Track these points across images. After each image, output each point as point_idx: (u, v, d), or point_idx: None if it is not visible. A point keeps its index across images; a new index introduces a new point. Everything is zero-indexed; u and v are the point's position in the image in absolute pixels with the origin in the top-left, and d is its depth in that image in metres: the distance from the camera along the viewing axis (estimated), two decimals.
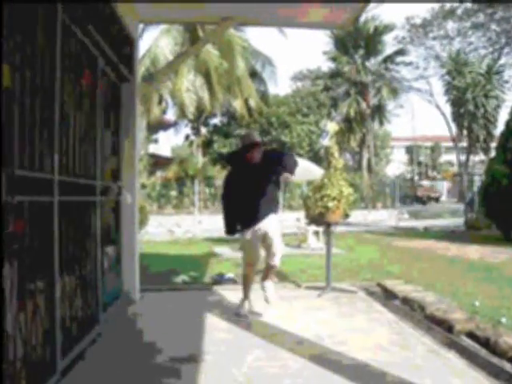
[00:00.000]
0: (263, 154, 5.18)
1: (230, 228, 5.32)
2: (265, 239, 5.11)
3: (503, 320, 4.88)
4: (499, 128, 16.79)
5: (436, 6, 22.50)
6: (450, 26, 22.80)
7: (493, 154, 16.70)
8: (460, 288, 6.66)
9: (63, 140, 3.49)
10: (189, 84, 22.92)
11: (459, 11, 21.95)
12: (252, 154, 5.08)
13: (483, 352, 4.04)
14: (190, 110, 23.34)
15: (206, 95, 23.47)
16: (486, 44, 22.92)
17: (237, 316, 5.17)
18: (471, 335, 4.39)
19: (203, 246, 12.81)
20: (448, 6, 22.25)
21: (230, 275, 7.36)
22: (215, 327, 4.83)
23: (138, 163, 6.61)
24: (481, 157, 20.26)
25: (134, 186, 5.87)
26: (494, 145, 17.42)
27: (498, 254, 10.45)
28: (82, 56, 4.07)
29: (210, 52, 22.77)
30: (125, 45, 5.50)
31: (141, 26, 8.43)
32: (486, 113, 18.46)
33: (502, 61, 21.68)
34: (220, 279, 7.26)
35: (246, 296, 5.40)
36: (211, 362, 3.82)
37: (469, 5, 21.61)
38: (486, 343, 4.13)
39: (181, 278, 7.52)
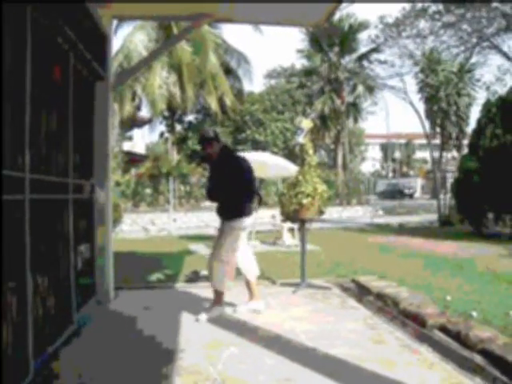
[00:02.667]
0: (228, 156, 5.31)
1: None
2: None
3: (474, 314, 4.97)
4: (471, 125, 17.07)
5: (407, 5, 22.72)
6: (422, 25, 23.03)
7: (465, 150, 16.96)
8: (433, 283, 6.75)
9: (34, 137, 3.43)
10: (161, 81, 22.79)
11: (431, 10, 22.19)
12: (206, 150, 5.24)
13: (455, 345, 4.11)
14: (162, 107, 23.21)
15: (177, 92, 23.37)
16: (457, 43, 23.22)
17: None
18: (443, 329, 4.46)
19: (178, 243, 12.76)
20: (419, 5, 22.48)
21: (206, 272, 7.33)
22: (190, 325, 4.82)
23: (112, 161, 6.55)
24: (453, 154, 20.55)
25: (107, 183, 5.81)
26: (466, 142, 17.67)
27: (470, 249, 10.62)
28: (53, 52, 4.01)
29: (184, 49, 22.66)
30: (98, 41, 5.44)
31: (115, 22, 8.33)
32: (458, 110, 18.75)
33: (474, 60, 22.00)
34: (195, 277, 7.23)
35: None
36: (186, 360, 3.82)
37: (440, 5, 21.90)
38: (457, 337, 4.20)
39: (155, 276, 7.47)
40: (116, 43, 23.71)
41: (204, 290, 6.24)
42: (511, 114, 12.72)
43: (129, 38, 21.94)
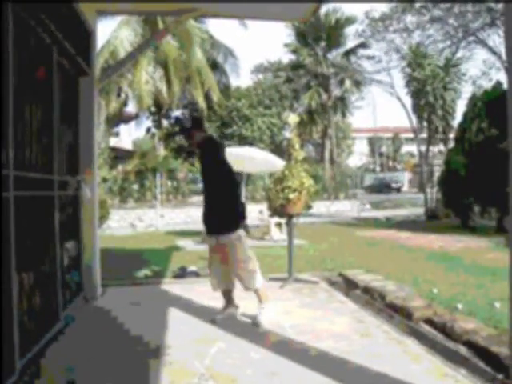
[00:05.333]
0: (216, 148, 4.74)
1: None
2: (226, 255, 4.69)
3: (459, 306, 5.02)
4: (457, 119, 17.16)
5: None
6: (409, 19, 23.11)
7: (451, 144, 17.07)
8: (419, 276, 6.80)
9: (18, 134, 3.40)
10: (148, 76, 22.66)
11: (417, 5, 22.29)
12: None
13: (440, 337, 4.15)
14: (148, 102, 23.07)
15: (164, 87, 23.26)
16: (443, 37, 23.31)
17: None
18: (429, 322, 4.50)
19: (165, 239, 12.72)
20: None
21: (193, 268, 7.34)
22: (178, 321, 4.82)
23: (99, 157, 6.51)
24: (440, 147, 20.60)
25: (93, 179, 5.78)
26: (452, 136, 17.78)
27: (456, 242, 10.71)
28: (37, 47, 3.97)
29: (170, 44, 22.54)
30: (82, 36, 5.39)
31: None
32: (444, 104, 18.75)
33: (459, 54, 22.10)
34: (183, 273, 7.22)
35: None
36: (174, 355, 3.82)
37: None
38: (442, 329, 4.24)
39: (143, 273, 7.46)
40: (101, 39, 23.54)
41: (191, 286, 6.24)
42: (496, 108, 12.79)
43: (114, 34, 21.75)
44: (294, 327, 4.53)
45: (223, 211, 4.63)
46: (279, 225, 12.04)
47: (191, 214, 19.53)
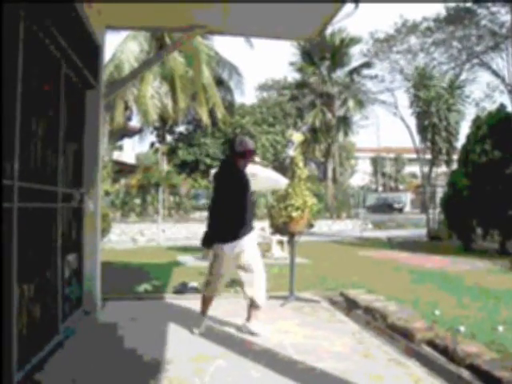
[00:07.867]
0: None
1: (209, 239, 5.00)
2: (241, 262, 4.99)
3: (461, 329, 4.97)
4: (460, 141, 17.21)
5: (399, 21, 23.10)
6: (413, 41, 23.34)
7: (454, 166, 17.10)
8: (421, 297, 6.75)
9: (24, 145, 3.41)
10: (153, 91, 22.78)
11: (422, 27, 22.53)
12: (249, 160, 4.94)
13: (442, 360, 4.11)
14: (154, 117, 23.17)
15: (169, 103, 23.37)
16: (447, 60, 23.52)
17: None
18: (431, 344, 4.46)
19: (166, 254, 12.69)
20: (411, 21, 22.86)
21: (194, 284, 7.29)
22: (177, 337, 4.78)
23: (102, 170, 6.52)
24: (443, 169, 20.65)
25: (96, 193, 5.78)
26: (455, 157, 17.82)
27: (458, 264, 10.66)
28: (45, 59, 4.00)
29: (177, 60, 22.69)
30: (90, 50, 5.43)
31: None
32: (448, 126, 18.83)
33: (463, 76, 22.28)
34: (183, 288, 7.18)
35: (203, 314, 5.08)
36: (173, 372, 3.78)
37: (431, 23, 22.34)
38: (444, 351, 4.20)
39: (143, 287, 7.42)
40: (107, 52, 23.66)
41: (192, 302, 6.20)
42: (500, 131, 12.86)
43: (120, 48, 21.91)
44: (295, 346, 4.49)
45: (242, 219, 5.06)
46: (281, 243, 12.01)
47: (193, 230, 19.48)
